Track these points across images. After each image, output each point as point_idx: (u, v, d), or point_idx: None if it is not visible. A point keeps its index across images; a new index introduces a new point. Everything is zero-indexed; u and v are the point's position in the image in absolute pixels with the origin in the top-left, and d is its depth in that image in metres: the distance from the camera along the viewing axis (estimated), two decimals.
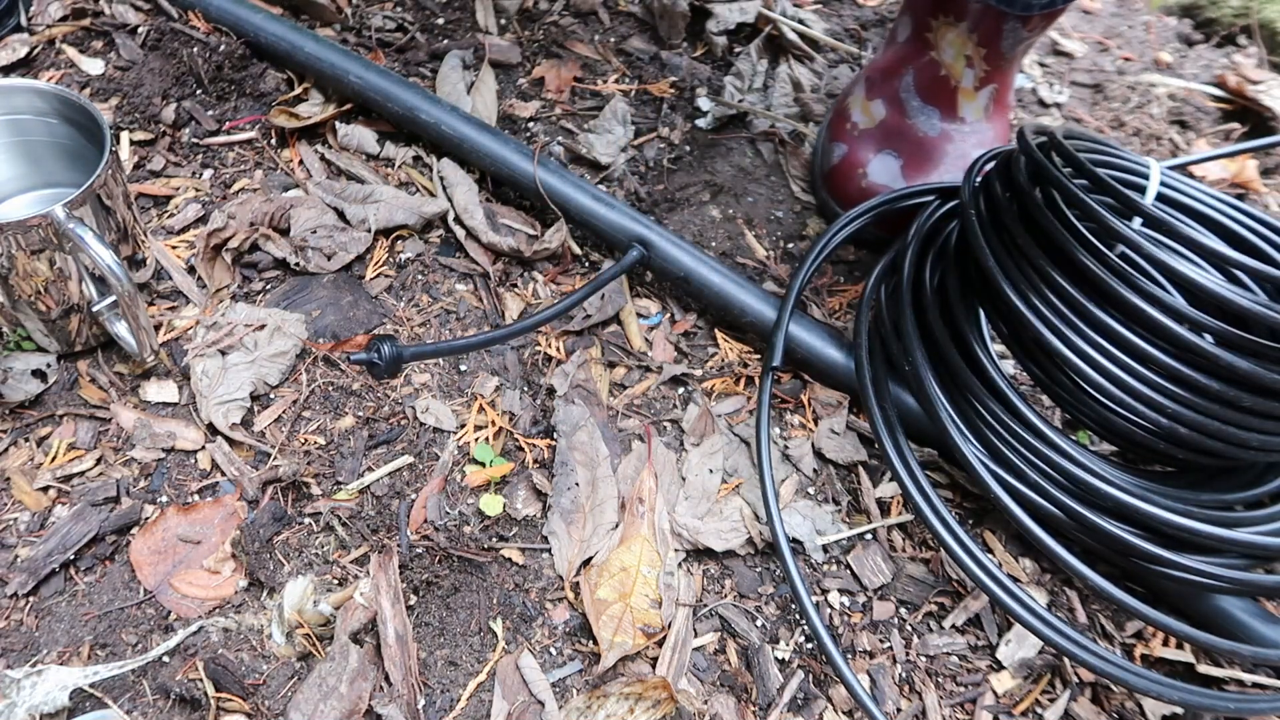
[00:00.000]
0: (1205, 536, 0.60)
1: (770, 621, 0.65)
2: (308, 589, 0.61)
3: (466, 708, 0.59)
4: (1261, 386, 0.58)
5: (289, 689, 0.58)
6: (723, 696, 0.61)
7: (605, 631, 0.61)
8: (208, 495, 0.66)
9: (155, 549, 0.63)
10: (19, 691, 0.55)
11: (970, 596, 0.67)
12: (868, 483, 0.72)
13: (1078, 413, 0.65)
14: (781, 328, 0.74)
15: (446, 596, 0.63)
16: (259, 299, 0.77)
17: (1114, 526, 0.61)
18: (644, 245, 0.78)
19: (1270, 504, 0.66)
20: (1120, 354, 0.61)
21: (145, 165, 0.85)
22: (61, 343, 0.70)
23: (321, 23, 1.01)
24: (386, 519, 0.66)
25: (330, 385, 0.72)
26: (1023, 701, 0.63)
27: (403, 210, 0.82)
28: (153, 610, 0.61)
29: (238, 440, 0.68)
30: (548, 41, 1.03)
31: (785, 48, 1.06)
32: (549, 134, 0.93)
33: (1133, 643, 0.67)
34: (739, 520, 0.68)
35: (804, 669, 0.63)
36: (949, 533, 0.63)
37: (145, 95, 0.88)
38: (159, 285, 0.76)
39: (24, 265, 0.62)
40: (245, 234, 0.77)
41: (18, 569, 0.61)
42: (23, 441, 0.67)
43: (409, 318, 0.77)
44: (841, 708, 0.62)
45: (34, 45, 0.92)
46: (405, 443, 0.70)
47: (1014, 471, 0.64)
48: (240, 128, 0.89)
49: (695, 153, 0.95)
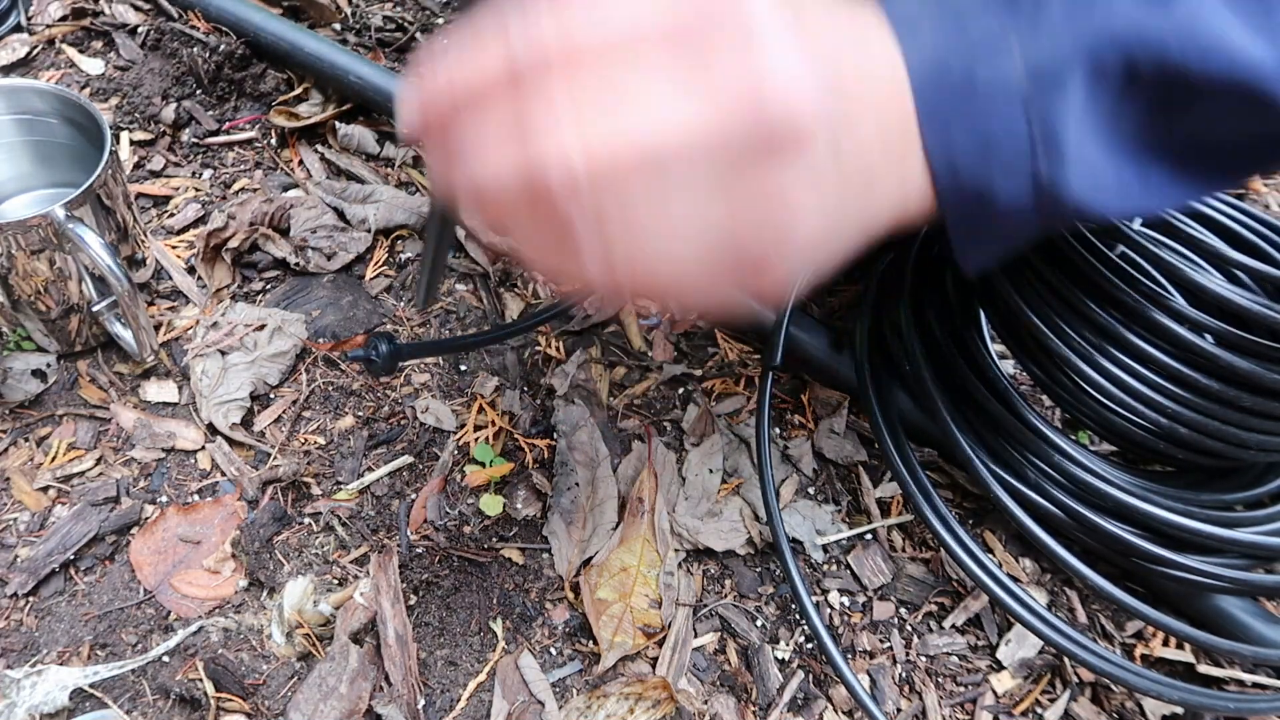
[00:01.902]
0: (1205, 536, 0.60)
1: (770, 621, 0.65)
2: (308, 589, 0.61)
3: (466, 708, 0.59)
4: (1261, 386, 0.58)
5: (289, 689, 0.58)
6: (723, 696, 0.61)
7: (605, 631, 0.61)
8: (208, 495, 0.66)
9: (155, 549, 0.63)
10: (19, 691, 0.55)
11: (970, 596, 0.67)
12: (868, 483, 0.72)
13: (1078, 413, 0.65)
14: (781, 328, 0.74)
15: (446, 596, 0.63)
16: (259, 299, 0.77)
17: (1114, 526, 0.61)
18: None
19: (1270, 504, 0.66)
20: (1120, 354, 0.61)
21: (145, 165, 0.85)
22: (61, 343, 0.70)
23: (321, 23, 1.01)
24: (386, 519, 0.66)
25: (330, 385, 0.72)
26: (1023, 701, 0.63)
27: (403, 210, 0.82)
28: (153, 610, 0.61)
29: (238, 440, 0.68)
30: None
31: None
32: None
33: (1133, 643, 0.67)
34: (739, 520, 0.68)
35: (804, 669, 0.63)
36: (949, 533, 0.63)
37: (145, 95, 0.88)
38: (159, 285, 0.76)
39: (24, 265, 0.62)
40: (245, 234, 0.77)
41: (18, 569, 0.61)
42: (23, 441, 0.67)
43: (409, 317, 0.77)
44: (841, 708, 0.62)
45: (34, 45, 0.92)
46: (405, 443, 0.70)
47: (1014, 471, 0.64)
48: (240, 128, 0.89)
49: None
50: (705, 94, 0.26)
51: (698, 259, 0.29)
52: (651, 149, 0.26)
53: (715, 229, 0.28)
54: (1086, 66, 0.32)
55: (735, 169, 0.27)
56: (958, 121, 0.33)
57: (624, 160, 0.26)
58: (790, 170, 0.28)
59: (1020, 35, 0.32)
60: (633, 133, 0.26)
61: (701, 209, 0.28)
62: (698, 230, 0.28)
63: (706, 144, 0.26)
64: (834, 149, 0.29)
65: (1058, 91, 0.32)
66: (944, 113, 0.33)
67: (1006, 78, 0.32)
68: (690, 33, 0.26)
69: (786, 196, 0.28)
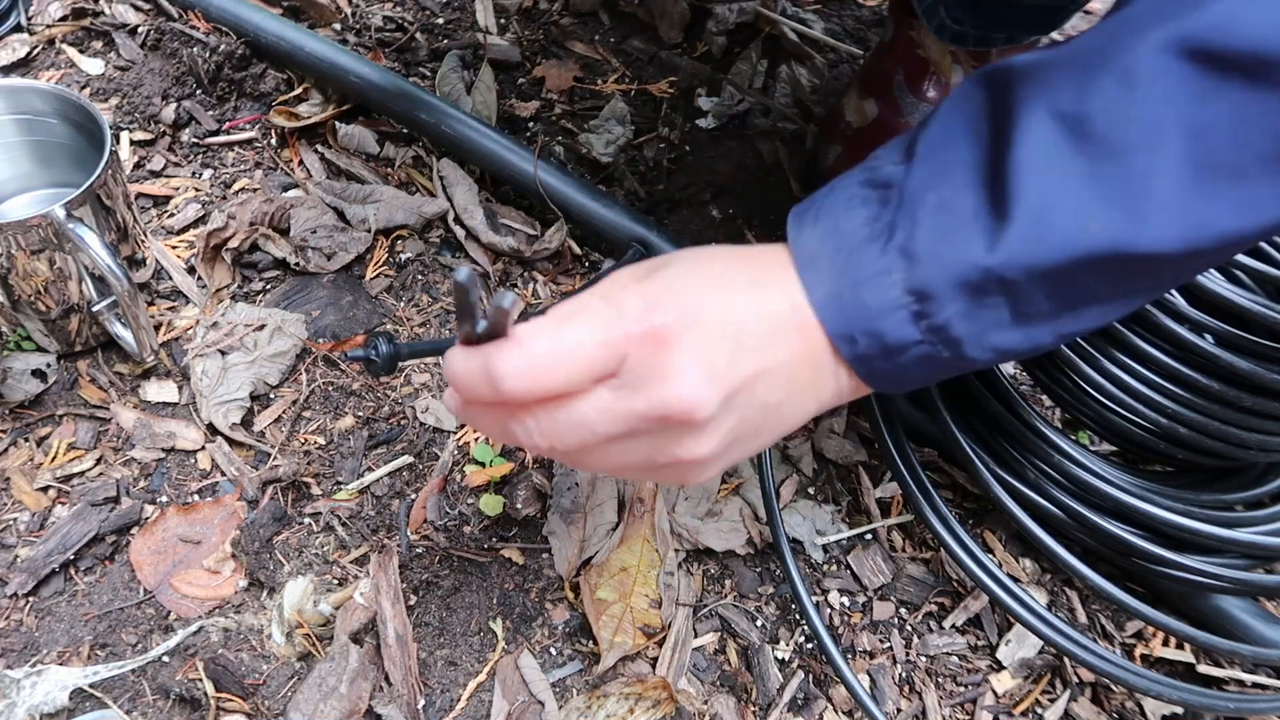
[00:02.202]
0: (1205, 536, 0.60)
1: (770, 621, 0.65)
2: (308, 589, 0.61)
3: (466, 708, 0.59)
4: (1261, 386, 0.58)
5: (289, 689, 0.58)
6: (723, 696, 0.61)
7: (605, 631, 0.61)
8: (208, 495, 0.66)
9: (155, 549, 0.63)
10: (19, 691, 0.55)
11: (970, 596, 0.67)
12: (868, 483, 0.72)
13: (1078, 413, 0.65)
14: None
15: (446, 596, 0.63)
16: (259, 299, 0.77)
17: (1114, 526, 0.61)
18: (644, 245, 0.78)
19: (1270, 504, 0.66)
20: (1120, 354, 0.61)
21: (145, 165, 0.85)
22: (61, 343, 0.70)
23: (321, 23, 1.01)
24: (386, 519, 0.66)
25: (330, 385, 0.72)
26: (1023, 701, 0.63)
27: (403, 210, 0.82)
28: (153, 610, 0.61)
29: (238, 440, 0.68)
30: (548, 41, 1.03)
31: (785, 48, 1.06)
32: (549, 134, 0.93)
33: (1133, 643, 0.67)
34: (739, 520, 0.68)
35: (804, 669, 0.63)
36: (949, 533, 0.63)
37: (145, 95, 0.88)
38: (159, 285, 0.76)
39: (24, 265, 0.62)
40: (245, 234, 0.77)
41: (18, 569, 0.61)
42: (23, 441, 0.67)
43: (409, 317, 0.77)
44: (841, 708, 0.62)
45: (34, 45, 0.92)
46: (405, 443, 0.70)
47: (1014, 471, 0.64)
48: (240, 128, 0.89)
49: (695, 153, 0.95)
50: (635, 404, 0.41)
51: (635, 472, 0.45)
52: (603, 435, 0.42)
53: (644, 468, 0.44)
54: (956, 284, 0.40)
55: (655, 440, 0.42)
56: (860, 334, 0.43)
57: (579, 445, 0.42)
58: (689, 437, 0.42)
59: (899, 269, 0.41)
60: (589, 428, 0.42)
61: (635, 456, 0.43)
62: (634, 463, 0.44)
63: (636, 430, 0.42)
64: (737, 406, 0.42)
65: (935, 303, 0.41)
66: (847, 329, 0.43)
67: (891, 299, 0.42)
68: (630, 369, 0.41)
69: (689, 451, 0.42)
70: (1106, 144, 0.38)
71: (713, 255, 0.46)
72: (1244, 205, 0.37)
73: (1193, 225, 0.38)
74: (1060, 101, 0.39)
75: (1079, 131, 0.38)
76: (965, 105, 0.43)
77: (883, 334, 0.42)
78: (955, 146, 0.42)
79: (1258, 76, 0.35)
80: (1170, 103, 0.37)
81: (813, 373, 0.45)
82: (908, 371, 0.44)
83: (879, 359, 0.44)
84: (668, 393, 0.41)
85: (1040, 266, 0.39)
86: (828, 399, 0.47)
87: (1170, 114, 0.37)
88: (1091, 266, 0.39)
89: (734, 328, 0.43)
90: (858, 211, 0.43)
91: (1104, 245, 0.38)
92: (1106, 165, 0.38)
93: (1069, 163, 0.39)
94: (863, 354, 0.44)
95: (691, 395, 0.41)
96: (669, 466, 0.44)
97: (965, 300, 0.41)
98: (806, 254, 0.44)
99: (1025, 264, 0.39)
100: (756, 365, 0.43)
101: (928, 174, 0.42)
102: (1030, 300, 0.41)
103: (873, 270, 0.42)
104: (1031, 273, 0.40)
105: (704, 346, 0.42)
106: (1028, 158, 0.39)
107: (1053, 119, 0.39)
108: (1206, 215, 0.38)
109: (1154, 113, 0.37)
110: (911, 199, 0.42)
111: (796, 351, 0.44)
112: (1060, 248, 0.39)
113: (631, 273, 0.46)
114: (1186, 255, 0.39)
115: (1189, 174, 0.37)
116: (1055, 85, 0.40)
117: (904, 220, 0.42)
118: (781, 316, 0.44)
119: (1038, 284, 0.40)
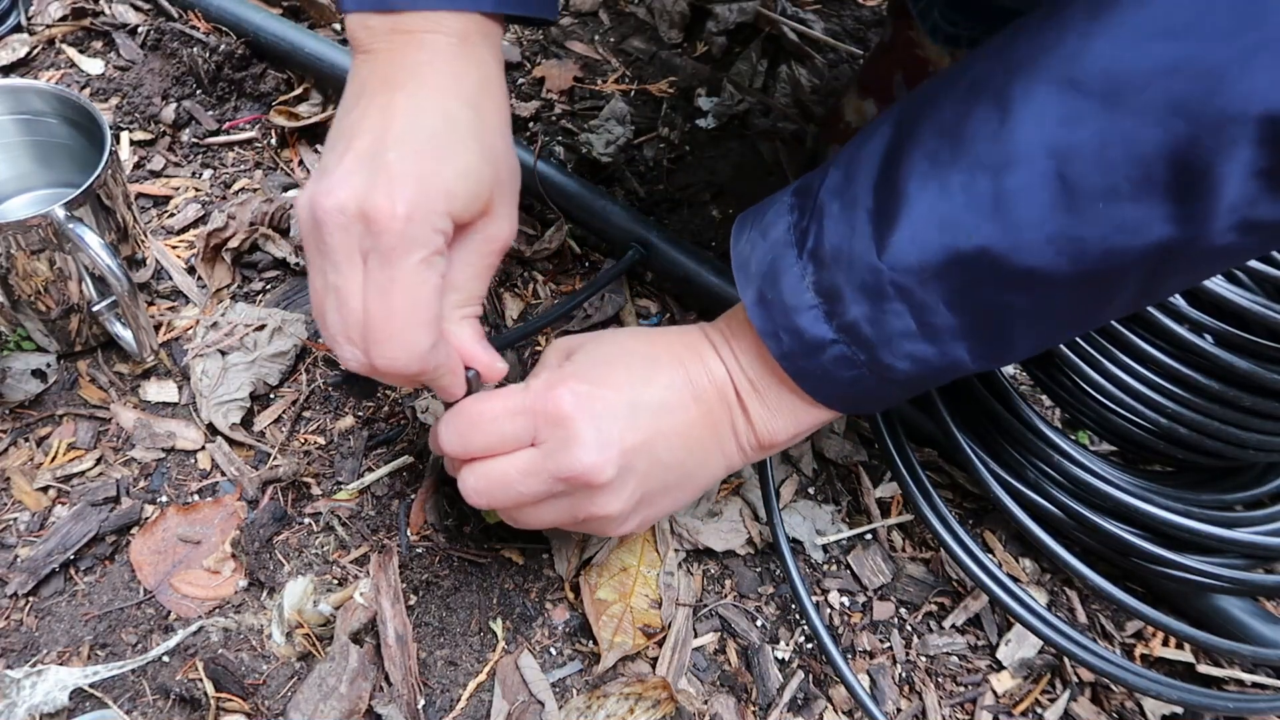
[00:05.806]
0: (1205, 536, 0.60)
1: (770, 621, 0.65)
2: (308, 589, 0.61)
3: (466, 708, 0.59)
4: (1261, 386, 0.58)
5: (289, 689, 0.58)
6: (723, 696, 0.61)
7: (605, 631, 0.61)
8: (208, 495, 0.66)
9: (155, 549, 0.63)
10: (19, 691, 0.55)
11: (970, 596, 0.67)
12: (868, 483, 0.72)
13: (1078, 413, 0.65)
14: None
15: (446, 596, 0.63)
16: (259, 299, 0.77)
17: (1114, 526, 0.62)
18: (644, 245, 0.78)
19: (1270, 504, 0.66)
20: (1120, 354, 0.61)
21: (145, 165, 0.85)
22: (61, 343, 0.70)
23: (321, 23, 1.01)
24: (386, 519, 0.66)
25: (330, 385, 0.72)
26: (1023, 701, 0.63)
27: None
28: (153, 610, 0.61)
29: (238, 440, 0.68)
30: (548, 41, 1.03)
31: (785, 48, 1.06)
32: (549, 134, 0.93)
33: (1133, 643, 0.67)
34: (739, 520, 0.68)
35: (804, 669, 0.63)
36: (949, 533, 0.63)
37: (145, 95, 0.88)
38: (159, 285, 0.76)
39: (24, 265, 0.62)
40: (245, 234, 0.77)
41: (18, 569, 0.61)
42: (23, 441, 0.67)
43: None
44: (841, 708, 0.62)
45: (34, 45, 0.92)
46: (405, 443, 0.70)
47: (1014, 471, 0.64)
48: (240, 128, 0.89)
49: (695, 153, 0.95)
50: (549, 466, 0.49)
51: (567, 526, 0.53)
52: (528, 494, 0.50)
53: (571, 523, 0.52)
54: (856, 286, 0.44)
55: (573, 499, 0.50)
56: (782, 330, 0.47)
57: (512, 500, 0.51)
58: (599, 495, 0.49)
59: (810, 273, 0.46)
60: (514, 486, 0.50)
61: (559, 512, 0.51)
62: (561, 519, 0.51)
63: (554, 490, 0.49)
64: (637, 467, 0.49)
65: (842, 303, 0.45)
66: (772, 327, 0.47)
67: (806, 300, 0.46)
68: (544, 439, 0.49)
69: (601, 508, 0.49)
70: (982, 161, 0.40)
71: (624, 337, 0.54)
72: (1126, 226, 0.38)
73: (1070, 241, 0.39)
74: (943, 121, 0.42)
75: (958, 148, 0.41)
76: (885, 116, 0.46)
77: (801, 330, 0.46)
78: (862, 155, 0.45)
79: (1110, 101, 0.37)
80: (1039, 126, 0.39)
81: (711, 434, 0.51)
82: (831, 374, 0.47)
83: (801, 356, 0.47)
84: (571, 458, 0.47)
85: (920, 269, 0.42)
86: (735, 459, 0.53)
87: (1038, 137, 0.39)
88: (971, 273, 0.42)
89: (628, 398, 0.49)
90: (784, 219, 0.48)
91: (977, 252, 0.41)
92: (983, 180, 0.40)
93: (949, 176, 0.41)
94: (787, 351, 0.47)
95: (590, 460, 0.47)
96: (589, 521, 0.50)
97: (867, 303, 0.44)
98: (741, 258, 0.49)
99: (907, 266, 0.42)
100: (651, 430, 0.49)
101: (838, 180, 0.46)
102: (930, 309, 0.43)
103: (792, 274, 0.46)
104: (920, 275, 0.42)
105: (602, 417, 0.48)
106: (916, 168, 0.42)
107: (938, 133, 0.42)
108: (1082, 233, 0.39)
109: (1025, 135, 0.39)
110: (821, 205, 0.46)
111: (692, 416, 0.51)
112: (938, 251, 0.41)
113: (556, 350, 0.55)
114: (1080, 276, 0.40)
115: (1058, 193, 0.39)
116: (940, 104, 0.43)
117: (814, 226, 0.46)
118: (677, 388, 0.51)
119: (930, 290, 0.43)
